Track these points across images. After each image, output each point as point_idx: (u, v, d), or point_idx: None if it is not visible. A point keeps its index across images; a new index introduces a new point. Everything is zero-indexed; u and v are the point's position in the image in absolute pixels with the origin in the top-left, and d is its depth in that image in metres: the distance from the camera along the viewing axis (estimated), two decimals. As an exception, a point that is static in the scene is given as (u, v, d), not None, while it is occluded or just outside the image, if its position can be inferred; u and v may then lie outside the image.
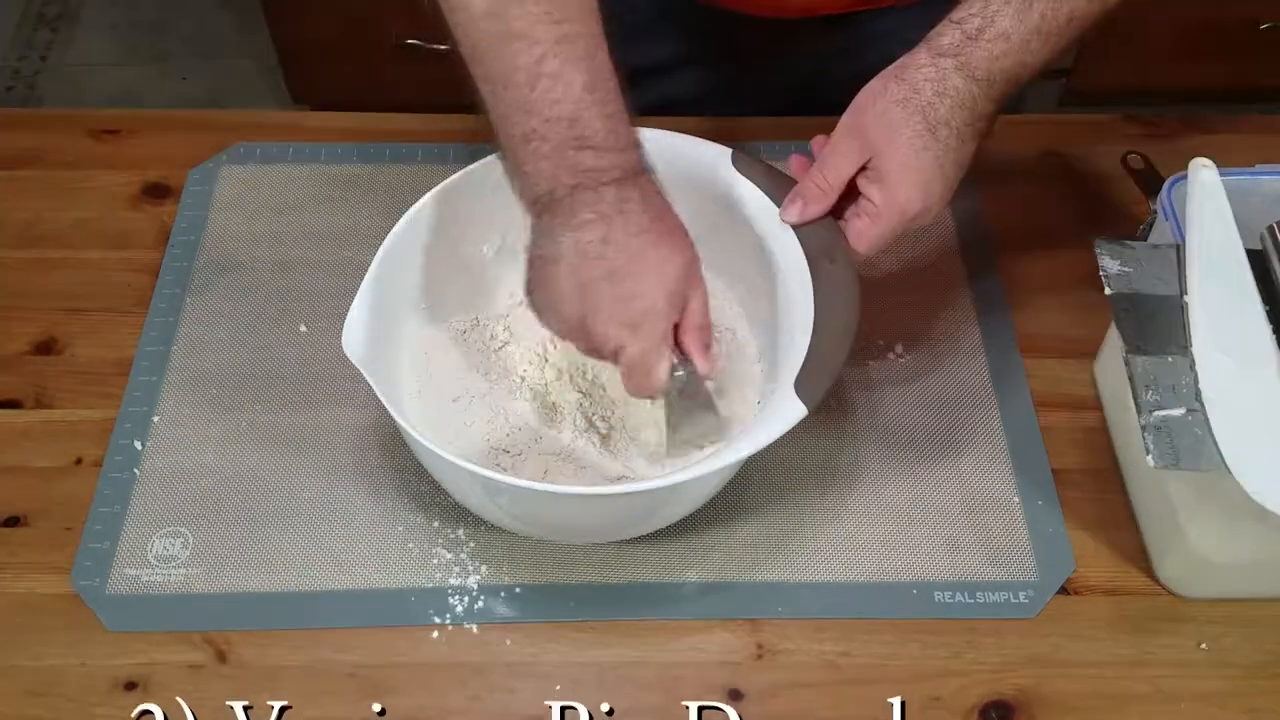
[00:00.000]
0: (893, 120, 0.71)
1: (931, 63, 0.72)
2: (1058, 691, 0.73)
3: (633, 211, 0.68)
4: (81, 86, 2.25)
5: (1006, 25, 0.71)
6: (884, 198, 0.72)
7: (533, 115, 0.67)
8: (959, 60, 0.71)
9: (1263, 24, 1.93)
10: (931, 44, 0.73)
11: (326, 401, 0.85)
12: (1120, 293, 0.74)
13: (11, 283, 0.92)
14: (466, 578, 0.76)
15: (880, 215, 0.73)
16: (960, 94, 0.71)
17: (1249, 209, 0.76)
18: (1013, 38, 0.71)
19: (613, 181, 0.68)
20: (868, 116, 0.72)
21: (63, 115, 1.10)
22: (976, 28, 0.71)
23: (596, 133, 0.67)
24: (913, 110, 0.71)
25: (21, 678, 0.73)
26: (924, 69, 0.72)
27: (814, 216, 0.76)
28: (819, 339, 0.71)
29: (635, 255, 0.68)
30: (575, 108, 0.67)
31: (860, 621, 0.75)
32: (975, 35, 0.71)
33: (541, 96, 0.66)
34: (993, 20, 0.71)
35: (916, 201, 0.72)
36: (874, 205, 0.73)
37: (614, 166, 0.68)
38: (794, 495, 0.80)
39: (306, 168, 0.99)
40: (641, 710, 0.72)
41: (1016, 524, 0.79)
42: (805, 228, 0.76)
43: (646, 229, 0.68)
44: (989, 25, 0.71)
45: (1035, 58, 0.72)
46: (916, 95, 0.71)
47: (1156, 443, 0.67)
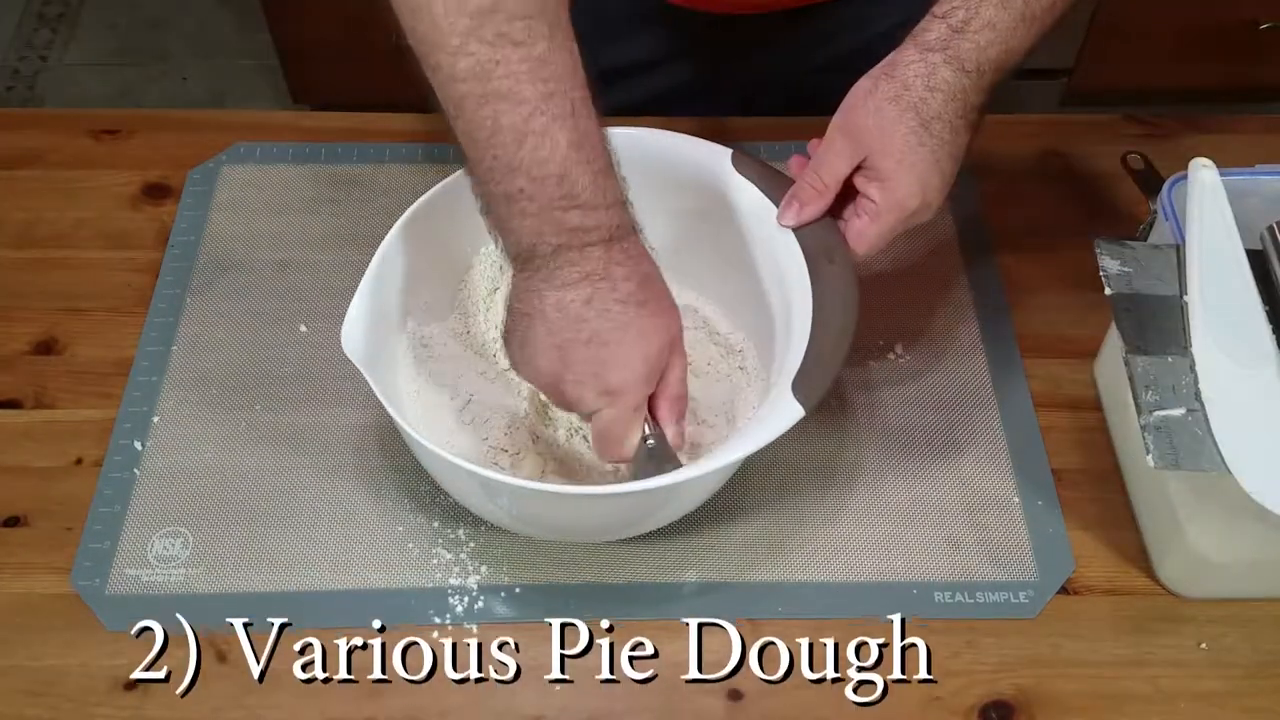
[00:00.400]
0: (885, 118, 0.71)
1: (920, 58, 0.72)
2: (1057, 691, 0.73)
3: (618, 277, 0.67)
4: (81, 86, 2.25)
5: (991, 15, 0.71)
6: (883, 195, 0.72)
7: (519, 174, 0.65)
8: (947, 54, 0.71)
9: (1263, 24, 1.93)
10: (918, 39, 0.72)
11: (327, 401, 0.85)
12: (1120, 293, 0.74)
13: (11, 283, 0.92)
14: (466, 578, 0.76)
15: (880, 213, 0.73)
16: (951, 87, 0.71)
17: (1249, 209, 0.76)
18: (998, 27, 0.71)
19: (600, 242, 0.67)
20: (859, 115, 0.72)
21: (63, 115, 1.10)
22: (962, 20, 0.71)
23: (584, 190, 0.66)
24: (905, 107, 0.71)
25: (21, 678, 0.73)
26: (913, 65, 0.72)
27: (810, 218, 0.75)
28: (817, 340, 0.71)
29: (619, 323, 0.67)
30: (562, 166, 0.65)
31: (860, 621, 0.75)
32: (961, 28, 0.71)
33: (528, 155, 0.65)
34: (977, 11, 0.71)
35: (915, 197, 0.72)
36: (873, 204, 0.73)
37: (601, 225, 0.67)
38: (794, 495, 0.80)
39: (306, 168, 0.99)
40: (641, 710, 0.72)
41: (1016, 524, 0.79)
42: (805, 228, 0.76)
43: (632, 295, 0.67)
44: (974, 16, 0.71)
45: (1022, 44, 0.72)
46: (907, 92, 0.71)
47: (1156, 443, 0.67)
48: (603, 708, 0.72)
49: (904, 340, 0.88)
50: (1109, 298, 0.74)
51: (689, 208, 0.82)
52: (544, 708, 0.72)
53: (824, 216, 0.75)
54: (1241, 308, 0.72)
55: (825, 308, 0.72)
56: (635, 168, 0.81)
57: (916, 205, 0.72)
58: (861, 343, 0.87)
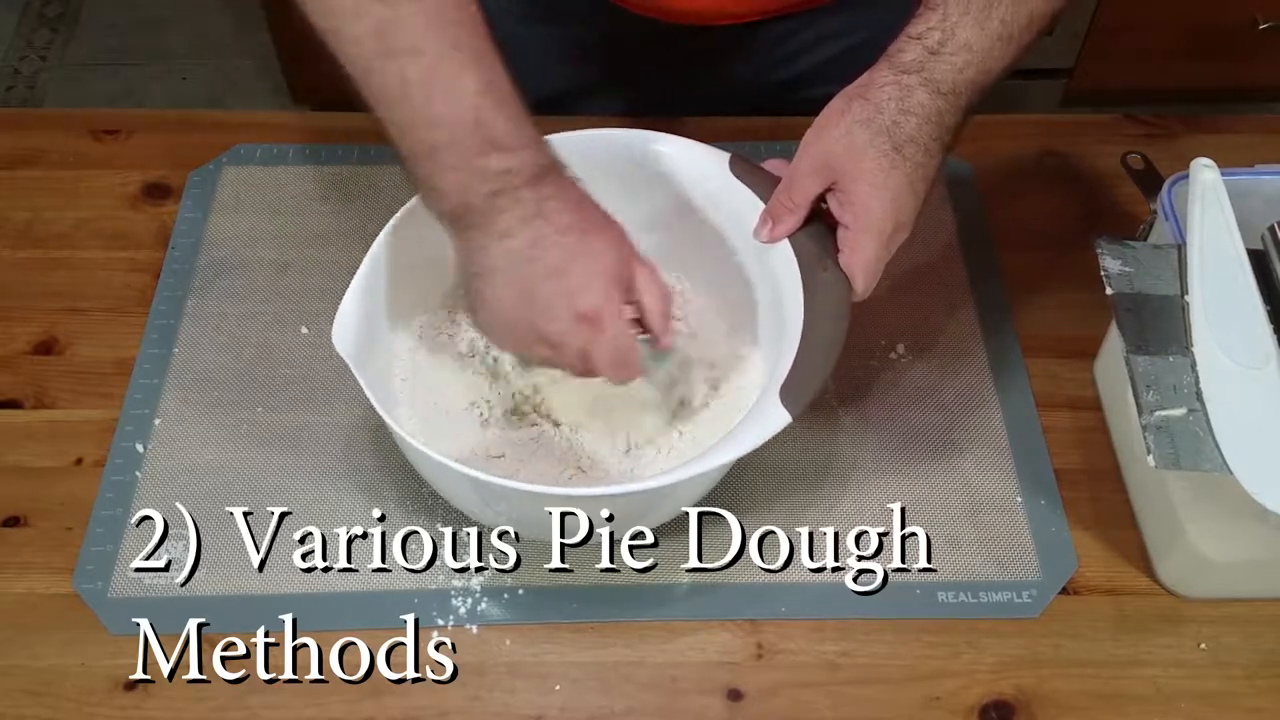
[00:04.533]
0: (857, 141, 0.70)
1: (894, 80, 0.70)
2: (1057, 691, 0.73)
3: (554, 210, 0.68)
4: (81, 86, 2.25)
5: (968, 36, 0.70)
6: (856, 220, 0.71)
7: (434, 127, 0.66)
8: (923, 76, 0.70)
9: (1262, 24, 1.93)
10: (893, 60, 0.71)
11: (328, 403, 0.84)
12: (1121, 293, 0.74)
13: (11, 283, 0.92)
14: (469, 580, 0.76)
15: (856, 243, 0.72)
16: (926, 109, 0.70)
17: (1249, 209, 0.76)
18: (975, 48, 0.70)
19: (526, 184, 0.67)
20: (831, 137, 0.71)
21: (63, 115, 1.10)
22: (937, 41, 0.70)
23: (501, 133, 0.66)
24: (877, 130, 0.70)
25: (21, 677, 0.73)
26: (887, 87, 0.70)
27: (784, 235, 0.75)
28: (806, 347, 0.71)
29: (570, 252, 0.68)
30: (475, 112, 0.66)
31: (860, 621, 0.75)
32: (937, 49, 0.70)
33: (440, 106, 0.65)
34: (953, 33, 0.70)
35: (889, 221, 0.71)
36: (849, 231, 0.72)
37: (525, 166, 0.67)
38: (794, 494, 0.80)
39: (306, 168, 0.99)
40: (641, 710, 0.72)
41: (1019, 524, 0.79)
42: (800, 235, 0.75)
43: (572, 225, 0.68)
44: (950, 38, 0.70)
45: (999, 64, 0.71)
46: (880, 115, 0.70)
47: (1157, 443, 0.67)
48: (603, 707, 0.72)
49: (905, 340, 0.88)
50: (1110, 297, 0.74)
51: (684, 211, 0.82)
52: (544, 708, 0.72)
53: (819, 224, 0.75)
54: (1242, 308, 0.72)
55: (816, 316, 0.72)
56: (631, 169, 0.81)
57: (891, 229, 0.71)
58: (862, 342, 0.88)
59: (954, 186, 0.98)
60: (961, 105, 0.71)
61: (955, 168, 0.99)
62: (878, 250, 0.72)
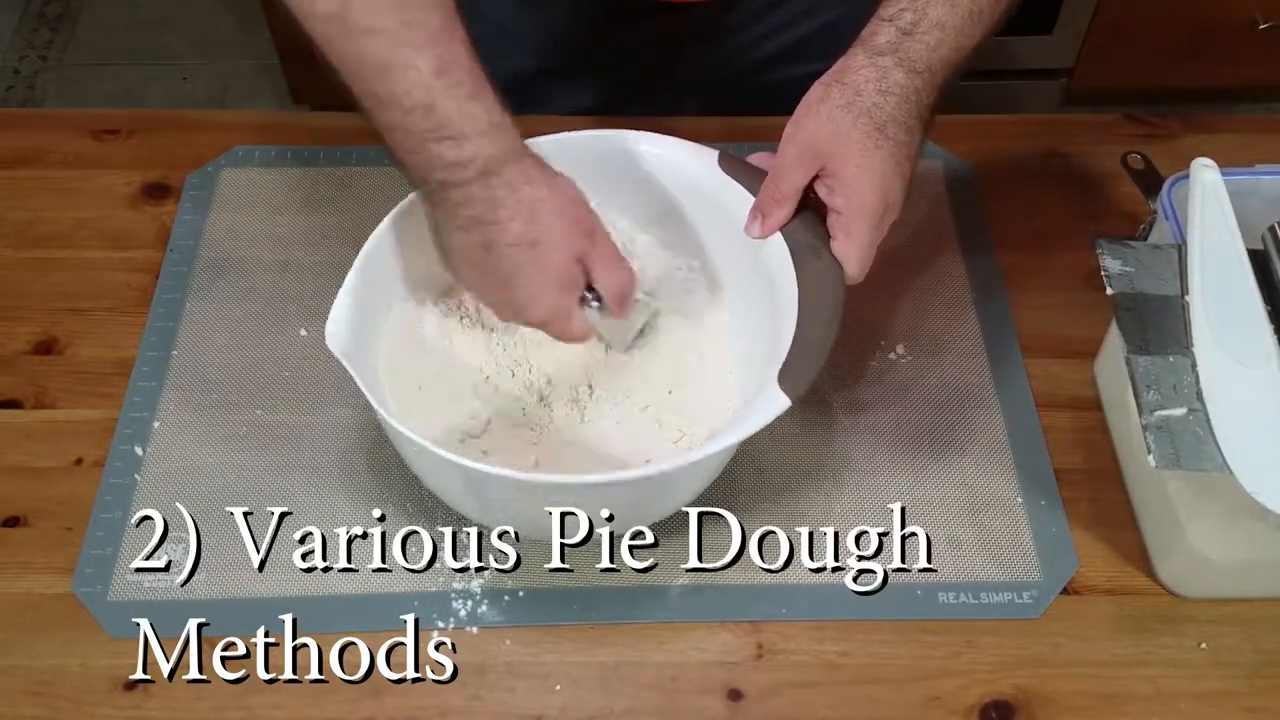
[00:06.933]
0: (839, 125, 0.71)
1: (870, 62, 0.71)
2: (1057, 691, 0.73)
3: (505, 219, 0.68)
4: (81, 86, 2.25)
5: (939, 14, 0.71)
6: (847, 203, 0.72)
7: (392, 108, 0.67)
8: (898, 56, 0.71)
9: (1262, 24, 1.94)
10: (867, 44, 0.72)
11: (328, 404, 0.84)
12: (1122, 292, 0.74)
13: (11, 283, 0.92)
14: (470, 581, 0.76)
15: (850, 225, 0.72)
16: (904, 89, 0.71)
17: (1249, 209, 0.76)
18: (947, 26, 0.71)
19: (476, 178, 0.67)
20: (812, 125, 0.72)
21: (63, 115, 1.10)
22: (910, 21, 0.71)
23: (451, 119, 0.66)
24: (858, 113, 0.71)
25: (21, 678, 0.73)
26: (863, 70, 0.71)
27: (774, 228, 0.75)
28: (802, 332, 0.71)
29: (516, 263, 0.69)
30: (428, 94, 0.66)
31: (860, 622, 0.75)
32: (910, 29, 0.71)
33: (396, 88, 0.66)
34: (925, 12, 0.71)
35: (879, 200, 0.71)
36: (840, 215, 0.72)
37: (476, 157, 0.67)
38: (794, 494, 0.80)
39: (306, 169, 0.99)
40: (641, 710, 0.72)
41: (1019, 524, 0.79)
42: (791, 225, 0.75)
43: (522, 236, 0.69)
44: (922, 18, 0.71)
45: (971, 40, 0.72)
46: (860, 98, 0.71)
47: (1157, 442, 0.67)
48: (603, 707, 0.72)
49: (905, 340, 0.88)
50: (1110, 297, 0.74)
51: (677, 209, 0.82)
52: (544, 708, 0.72)
53: (809, 213, 0.75)
54: (1242, 307, 0.72)
55: (811, 301, 0.73)
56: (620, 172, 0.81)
57: (882, 209, 0.72)
58: (862, 343, 0.88)
59: (954, 186, 0.98)
60: (937, 83, 0.72)
61: (955, 167, 0.99)
62: (871, 232, 0.72)
